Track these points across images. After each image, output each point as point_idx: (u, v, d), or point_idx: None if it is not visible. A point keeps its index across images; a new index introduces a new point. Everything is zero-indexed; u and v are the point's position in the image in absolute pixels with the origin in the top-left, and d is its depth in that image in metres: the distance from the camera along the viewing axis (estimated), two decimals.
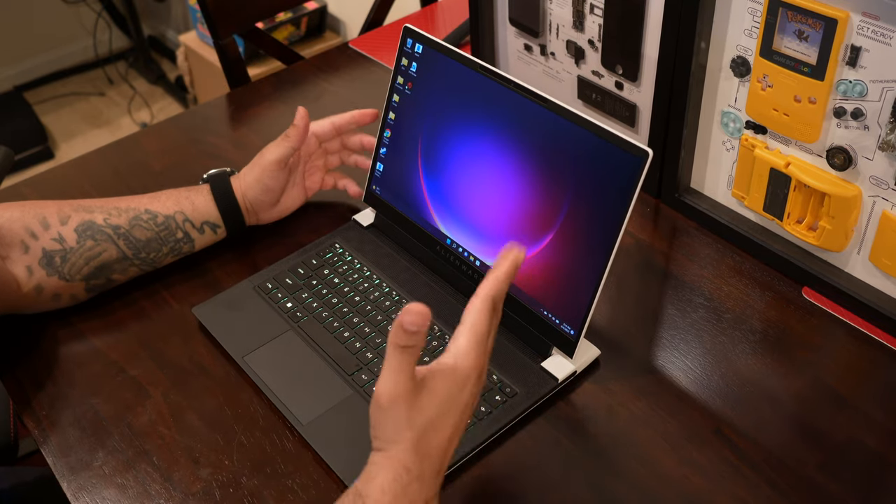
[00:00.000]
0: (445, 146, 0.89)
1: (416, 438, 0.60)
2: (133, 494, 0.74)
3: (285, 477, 0.75)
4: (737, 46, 0.86)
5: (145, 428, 0.80)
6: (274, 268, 0.93)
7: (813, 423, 0.77)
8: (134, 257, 0.89)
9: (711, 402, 0.79)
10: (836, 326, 0.86)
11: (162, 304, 0.92)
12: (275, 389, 0.81)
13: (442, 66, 0.88)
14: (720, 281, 0.92)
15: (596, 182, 0.76)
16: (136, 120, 2.89)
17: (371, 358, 0.83)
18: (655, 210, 1.02)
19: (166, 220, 0.90)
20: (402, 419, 0.60)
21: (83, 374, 0.85)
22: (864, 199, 0.83)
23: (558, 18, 1.04)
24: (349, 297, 0.89)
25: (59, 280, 0.86)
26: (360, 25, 1.59)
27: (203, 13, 1.30)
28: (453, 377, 0.61)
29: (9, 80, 3.00)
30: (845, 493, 0.72)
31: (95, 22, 3.05)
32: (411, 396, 0.60)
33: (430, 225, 0.92)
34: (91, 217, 0.88)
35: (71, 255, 0.86)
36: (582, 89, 1.07)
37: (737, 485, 0.73)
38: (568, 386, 0.81)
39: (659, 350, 0.85)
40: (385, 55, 1.33)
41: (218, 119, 1.24)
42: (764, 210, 0.91)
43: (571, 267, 0.79)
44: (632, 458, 0.75)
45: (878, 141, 0.79)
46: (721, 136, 0.94)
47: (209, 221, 0.93)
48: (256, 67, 2.24)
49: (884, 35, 0.74)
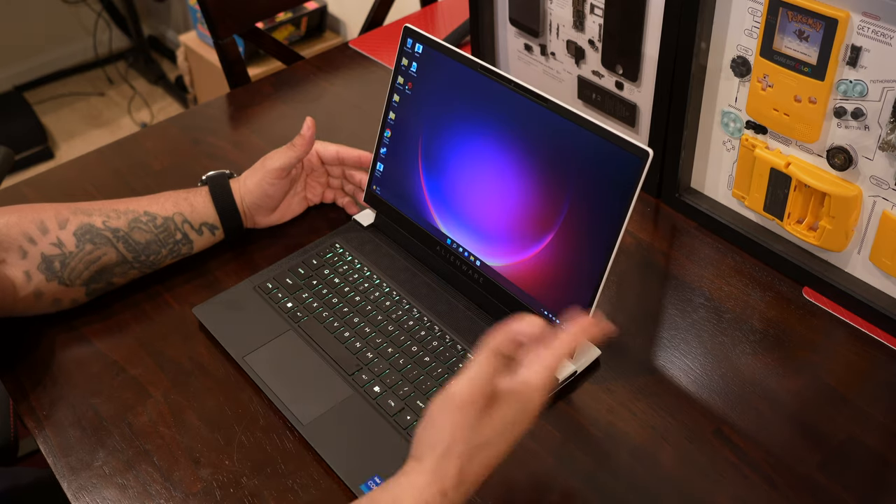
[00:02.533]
0: (446, 146, 0.89)
1: (468, 454, 0.59)
2: (133, 494, 0.74)
3: (285, 477, 0.75)
4: (737, 46, 0.86)
5: (145, 428, 0.80)
6: (274, 268, 0.93)
7: (813, 423, 0.77)
8: (134, 260, 0.89)
9: (711, 402, 0.79)
10: (836, 326, 0.86)
11: (162, 305, 0.92)
12: (275, 389, 0.81)
13: (442, 66, 0.88)
14: (720, 281, 0.92)
15: (596, 182, 0.76)
16: (136, 120, 2.88)
17: (371, 358, 0.83)
18: (655, 210, 1.02)
19: (165, 222, 0.90)
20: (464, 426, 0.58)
21: (83, 374, 0.85)
22: (865, 199, 0.83)
23: (558, 18, 1.04)
24: (349, 297, 0.89)
25: (59, 285, 0.86)
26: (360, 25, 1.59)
27: (203, 13, 1.30)
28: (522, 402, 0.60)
29: (9, 80, 3.00)
30: (845, 492, 0.72)
31: (95, 22, 3.05)
32: (484, 406, 0.59)
33: (430, 225, 0.92)
34: (90, 220, 0.87)
35: (70, 259, 0.86)
36: (582, 89, 1.07)
37: (737, 485, 0.73)
38: (568, 386, 0.81)
39: (659, 350, 0.85)
40: (385, 55, 1.33)
41: (218, 119, 1.24)
42: (764, 210, 0.91)
43: (572, 267, 0.79)
44: (632, 458, 0.75)
45: (878, 141, 0.79)
46: (721, 136, 0.94)
47: (207, 223, 0.93)
48: (256, 67, 2.24)
49: (884, 35, 0.74)
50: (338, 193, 1.02)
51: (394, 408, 0.78)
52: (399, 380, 0.81)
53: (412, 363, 0.82)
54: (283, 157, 0.94)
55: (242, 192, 0.94)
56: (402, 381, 0.81)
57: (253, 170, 0.96)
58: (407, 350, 0.83)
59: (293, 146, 0.94)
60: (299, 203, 0.99)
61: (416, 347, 0.84)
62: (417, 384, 0.80)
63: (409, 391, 0.80)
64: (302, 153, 0.94)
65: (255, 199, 0.94)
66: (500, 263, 0.85)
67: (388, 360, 0.83)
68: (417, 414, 0.77)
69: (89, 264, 0.86)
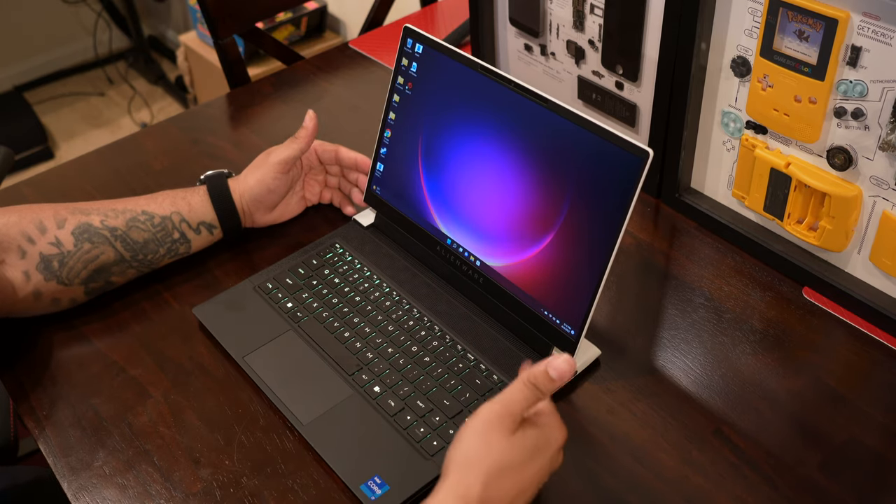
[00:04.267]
0: (446, 146, 0.89)
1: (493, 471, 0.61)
2: (133, 494, 0.74)
3: (285, 477, 0.75)
4: (737, 46, 0.86)
5: (145, 428, 0.80)
6: (274, 268, 0.93)
7: (813, 423, 0.77)
8: (132, 259, 0.89)
9: (711, 402, 0.79)
10: (836, 326, 0.86)
11: (162, 305, 0.92)
12: (275, 389, 0.81)
13: (442, 66, 0.88)
14: (720, 281, 0.92)
15: (596, 182, 0.76)
16: (136, 120, 2.88)
17: (371, 358, 0.83)
18: (656, 210, 1.02)
19: (163, 221, 0.90)
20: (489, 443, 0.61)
21: (83, 375, 0.85)
22: (865, 199, 0.83)
23: (558, 18, 1.04)
24: (349, 297, 0.89)
25: (58, 284, 0.86)
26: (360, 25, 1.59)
27: (203, 13, 1.30)
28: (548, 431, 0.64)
29: (9, 80, 3.00)
30: (845, 493, 0.72)
31: (95, 22, 3.05)
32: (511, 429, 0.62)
33: (430, 225, 0.92)
34: (88, 219, 0.87)
35: (69, 258, 0.86)
36: (582, 89, 1.07)
37: (737, 485, 0.73)
38: (568, 386, 0.81)
39: (659, 350, 0.85)
40: (385, 55, 1.33)
41: (218, 119, 1.24)
42: (764, 210, 0.91)
43: (572, 267, 0.79)
44: (632, 458, 0.75)
45: (878, 141, 0.79)
46: (721, 136, 0.94)
47: (205, 222, 0.92)
48: (256, 67, 2.24)
49: (884, 35, 0.74)
50: (335, 194, 1.02)
51: (394, 408, 0.78)
52: (399, 380, 0.81)
53: (412, 363, 0.82)
54: (286, 150, 0.94)
55: (242, 189, 0.94)
56: (402, 381, 0.81)
57: (254, 166, 0.96)
58: (407, 350, 0.83)
59: (296, 139, 0.95)
60: (298, 203, 0.99)
61: (416, 347, 0.84)
62: (417, 384, 0.80)
63: (409, 391, 0.80)
64: (305, 145, 0.95)
65: (257, 196, 0.94)
66: (500, 263, 0.85)
67: (389, 361, 0.83)
68: (417, 414, 0.77)
69: (87, 263, 0.86)
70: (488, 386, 0.80)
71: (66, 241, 0.86)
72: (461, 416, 0.77)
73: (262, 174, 0.94)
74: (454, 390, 0.79)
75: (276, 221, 0.99)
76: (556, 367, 0.62)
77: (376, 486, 0.72)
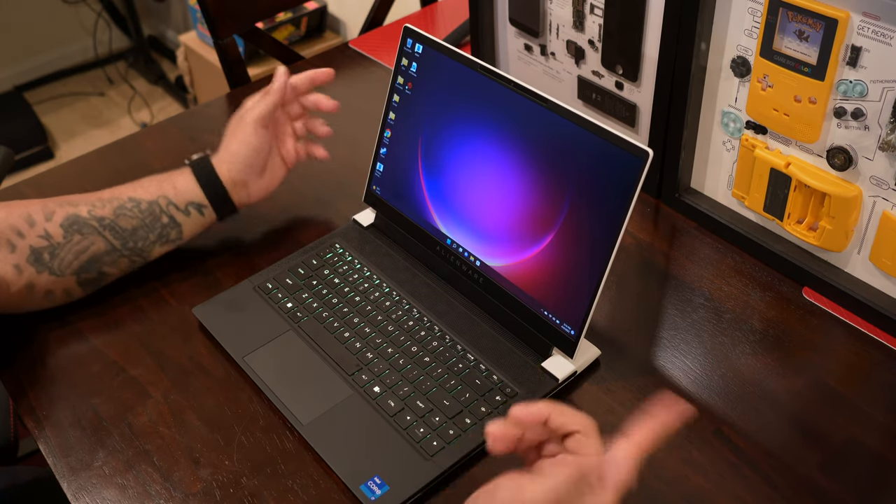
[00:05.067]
0: (445, 146, 0.89)
1: None
2: (133, 495, 0.74)
3: (285, 477, 0.75)
4: (737, 46, 0.86)
5: (145, 428, 0.80)
6: (274, 268, 0.93)
7: (813, 423, 0.77)
8: (122, 248, 0.89)
9: (711, 402, 0.79)
10: (836, 326, 0.86)
11: (162, 304, 0.92)
12: (275, 389, 0.81)
13: (442, 66, 0.88)
14: (720, 281, 0.92)
15: (596, 182, 0.76)
16: (136, 120, 2.88)
17: (371, 358, 0.83)
18: (655, 210, 1.02)
19: (150, 206, 0.89)
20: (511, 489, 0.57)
21: (83, 374, 0.85)
22: (865, 199, 0.83)
23: (558, 18, 1.04)
24: (349, 297, 0.89)
25: (50, 275, 0.86)
26: (360, 25, 1.59)
27: (203, 13, 1.30)
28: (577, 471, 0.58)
29: (9, 80, 3.00)
30: (845, 493, 0.72)
31: (95, 22, 3.05)
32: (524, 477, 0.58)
33: (430, 225, 0.92)
34: (76, 210, 0.87)
35: (59, 249, 0.85)
36: (582, 89, 1.07)
37: (737, 485, 0.73)
38: (568, 386, 0.81)
39: (659, 350, 0.85)
40: (385, 55, 1.33)
41: (218, 119, 1.24)
42: (764, 210, 0.91)
43: (572, 267, 0.79)
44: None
45: (878, 141, 0.79)
46: (721, 136, 0.94)
47: (194, 202, 0.91)
48: (256, 67, 2.24)
49: (884, 35, 0.74)
50: (307, 144, 0.99)
51: (394, 408, 0.78)
52: (399, 380, 0.81)
53: (412, 363, 0.82)
54: (262, 105, 0.93)
55: (226, 159, 0.92)
56: (401, 382, 0.81)
57: (230, 133, 0.94)
58: (407, 350, 0.83)
59: (269, 92, 0.94)
60: (280, 165, 0.97)
61: (416, 348, 0.84)
62: (417, 384, 0.80)
63: (409, 391, 0.79)
64: (279, 97, 0.93)
65: (244, 159, 0.92)
66: (500, 263, 0.85)
67: (388, 361, 0.83)
68: (417, 414, 0.77)
69: (78, 254, 0.86)
70: (488, 386, 0.80)
71: (56, 233, 0.86)
72: (461, 417, 0.77)
73: (242, 135, 0.93)
74: (454, 390, 0.79)
75: (268, 189, 0.96)
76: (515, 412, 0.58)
77: (376, 486, 0.72)
